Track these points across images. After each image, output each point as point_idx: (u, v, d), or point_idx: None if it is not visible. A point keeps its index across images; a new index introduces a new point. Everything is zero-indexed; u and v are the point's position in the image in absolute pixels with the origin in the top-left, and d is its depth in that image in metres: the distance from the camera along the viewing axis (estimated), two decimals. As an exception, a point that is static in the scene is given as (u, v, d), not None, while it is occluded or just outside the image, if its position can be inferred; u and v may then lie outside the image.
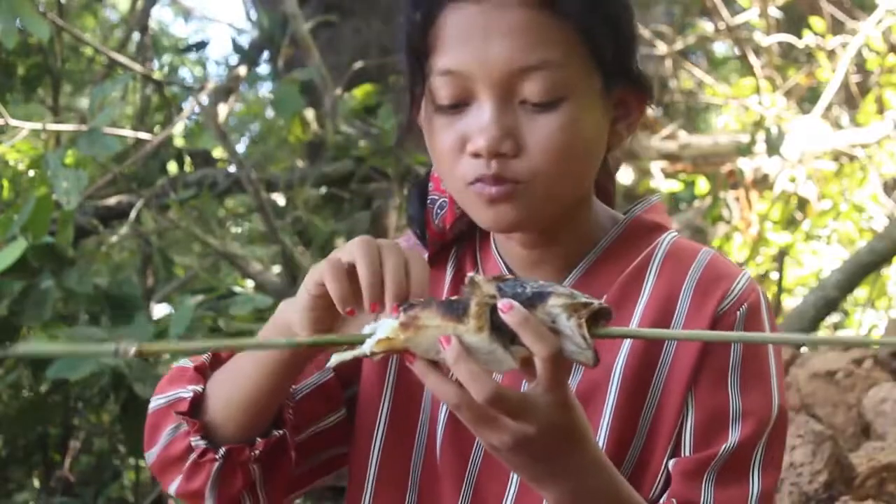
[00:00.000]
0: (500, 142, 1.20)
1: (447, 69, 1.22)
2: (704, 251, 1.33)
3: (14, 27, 3.63)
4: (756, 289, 1.30)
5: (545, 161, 1.21)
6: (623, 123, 1.30)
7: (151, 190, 4.90)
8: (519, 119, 1.21)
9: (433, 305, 1.08)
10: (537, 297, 1.07)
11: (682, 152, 6.55)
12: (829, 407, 3.08)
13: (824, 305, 4.58)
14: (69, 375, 3.52)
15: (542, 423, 1.08)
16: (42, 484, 4.44)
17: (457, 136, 1.23)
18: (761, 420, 1.26)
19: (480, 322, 1.06)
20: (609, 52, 1.24)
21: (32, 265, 3.65)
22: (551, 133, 1.21)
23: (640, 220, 1.36)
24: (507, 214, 1.23)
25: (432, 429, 1.33)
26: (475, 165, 1.22)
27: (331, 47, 5.59)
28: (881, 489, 2.54)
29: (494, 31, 1.20)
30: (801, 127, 6.06)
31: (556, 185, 1.23)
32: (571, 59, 1.22)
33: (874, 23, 6.17)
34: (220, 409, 1.27)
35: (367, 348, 1.08)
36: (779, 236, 6.16)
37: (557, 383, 1.08)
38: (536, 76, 1.20)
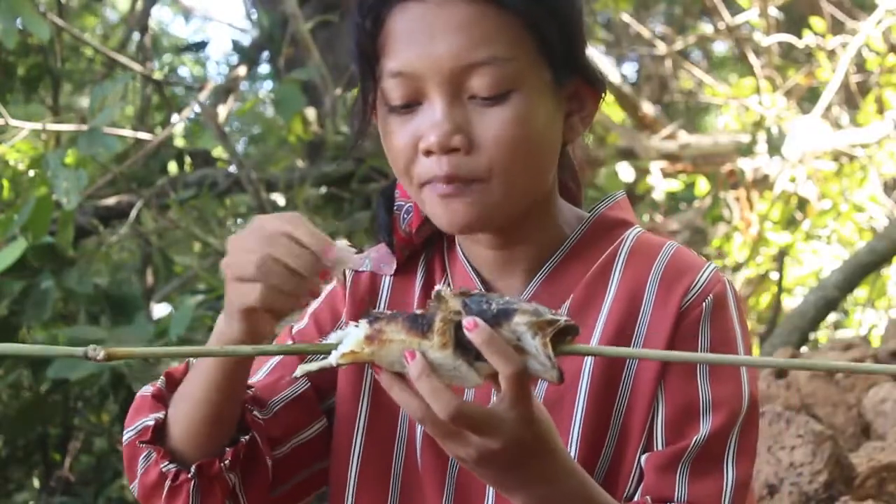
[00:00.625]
0: (451, 136, 1.21)
1: (396, 70, 1.22)
2: (668, 245, 1.32)
3: (14, 27, 3.64)
4: (721, 279, 1.29)
5: (498, 154, 1.21)
6: (577, 116, 1.30)
7: (151, 190, 4.90)
8: (469, 114, 1.21)
9: (399, 319, 1.08)
10: (502, 314, 1.07)
11: (682, 152, 6.55)
12: (829, 407, 3.08)
13: (824, 305, 4.58)
14: (69, 375, 3.52)
15: (507, 438, 1.10)
16: (42, 484, 4.44)
17: (410, 136, 1.23)
18: (733, 410, 1.25)
19: (445, 339, 1.07)
20: (557, 45, 1.24)
21: (32, 265, 3.65)
22: (502, 125, 1.21)
23: (605, 217, 1.35)
24: (462, 213, 1.23)
25: (411, 433, 1.33)
26: (429, 165, 1.22)
27: (331, 47, 5.59)
28: (881, 489, 2.54)
29: (439, 29, 1.20)
30: (801, 127, 6.06)
31: (512, 179, 1.23)
32: (518, 52, 1.22)
33: (874, 23, 6.17)
34: (181, 431, 1.27)
35: (332, 360, 1.09)
36: (779, 236, 6.16)
37: (521, 400, 1.09)
38: (484, 71, 1.20)
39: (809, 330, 4.57)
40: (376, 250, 1.38)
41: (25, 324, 3.83)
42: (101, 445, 4.61)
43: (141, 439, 1.28)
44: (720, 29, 7.05)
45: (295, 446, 1.35)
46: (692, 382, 1.25)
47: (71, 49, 5.62)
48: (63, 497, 4.29)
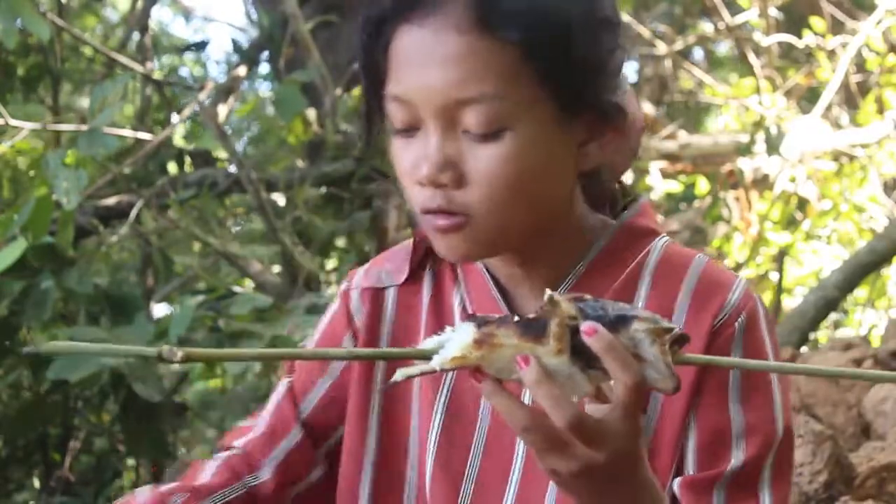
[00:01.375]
0: (441, 172, 1.17)
1: (395, 95, 1.19)
2: (698, 259, 1.29)
3: (14, 27, 3.64)
4: (753, 297, 1.26)
5: (488, 193, 1.17)
6: (595, 143, 1.23)
7: (151, 190, 4.90)
8: (462, 148, 1.17)
9: (510, 323, 1.03)
10: (620, 320, 1.03)
11: (682, 152, 6.55)
12: (829, 407, 3.08)
13: (824, 305, 4.58)
14: (69, 376, 3.52)
15: (613, 451, 1.05)
16: (42, 484, 4.44)
17: (409, 162, 1.20)
18: (767, 437, 1.23)
19: (561, 344, 1.02)
20: (564, 77, 1.17)
21: (32, 265, 3.65)
22: (493, 164, 1.16)
23: (631, 226, 1.31)
24: (457, 246, 1.20)
25: (421, 468, 1.31)
26: (425, 195, 1.19)
27: (331, 47, 5.58)
28: (881, 489, 2.54)
29: (432, 60, 1.16)
30: (801, 127, 6.06)
31: (504, 216, 1.19)
32: (513, 88, 1.15)
33: (874, 23, 6.17)
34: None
35: (436, 364, 1.04)
36: (779, 236, 6.16)
37: (635, 412, 1.05)
38: (474, 108, 1.15)
39: (809, 330, 4.57)
40: (392, 261, 1.37)
41: (25, 324, 3.83)
42: (101, 445, 4.61)
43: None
44: (720, 29, 7.04)
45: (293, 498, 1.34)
46: (724, 410, 1.23)
47: (71, 49, 5.62)
48: (63, 497, 4.29)
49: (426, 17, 1.16)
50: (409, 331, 1.33)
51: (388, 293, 1.35)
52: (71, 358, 3.49)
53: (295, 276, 4.71)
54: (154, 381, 3.76)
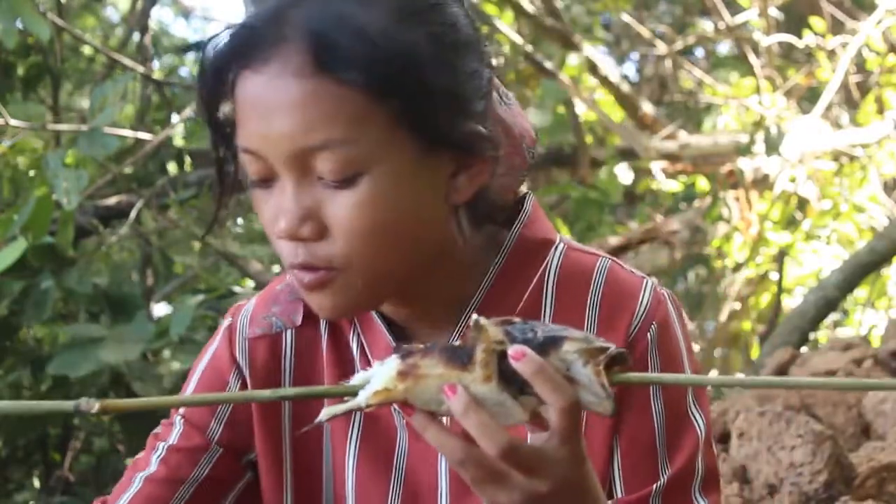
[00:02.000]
0: (299, 225, 1.09)
1: (246, 147, 1.11)
2: (600, 264, 1.24)
3: (14, 27, 3.63)
4: (662, 299, 1.22)
5: (350, 243, 1.10)
6: (463, 176, 1.14)
7: (151, 190, 4.90)
8: (319, 197, 1.09)
9: (434, 352, 0.99)
10: (550, 342, 0.99)
11: (682, 152, 6.55)
12: (829, 407, 3.08)
13: (824, 305, 4.58)
14: (69, 373, 3.52)
15: (556, 479, 1.01)
16: (42, 484, 4.44)
17: (270, 214, 1.12)
18: (692, 447, 1.21)
19: (488, 371, 0.98)
20: (418, 115, 1.09)
21: (32, 265, 3.65)
22: (351, 212, 1.09)
23: (524, 240, 1.23)
24: (326, 302, 1.13)
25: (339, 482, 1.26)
26: (288, 250, 1.12)
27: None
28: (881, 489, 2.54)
29: (274, 108, 1.08)
30: (800, 127, 6.07)
31: (372, 266, 1.11)
32: (362, 131, 1.07)
33: (874, 23, 6.17)
34: None
35: (361, 400, 1.00)
36: (779, 236, 6.16)
37: (572, 437, 1.00)
38: (324, 155, 1.07)
39: (809, 330, 4.57)
40: (278, 303, 1.30)
41: (25, 324, 3.83)
42: (101, 445, 4.61)
43: None
44: (720, 29, 7.04)
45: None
46: (647, 425, 1.20)
47: (71, 49, 5.62)
48: (63, 497, 4.29)
49: (264, 64, 1.08)
50: (311, 374, 1.27)
51: (285, 338, 1.27)
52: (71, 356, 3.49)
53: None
54: (153, 380, 3.76)
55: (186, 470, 1.26)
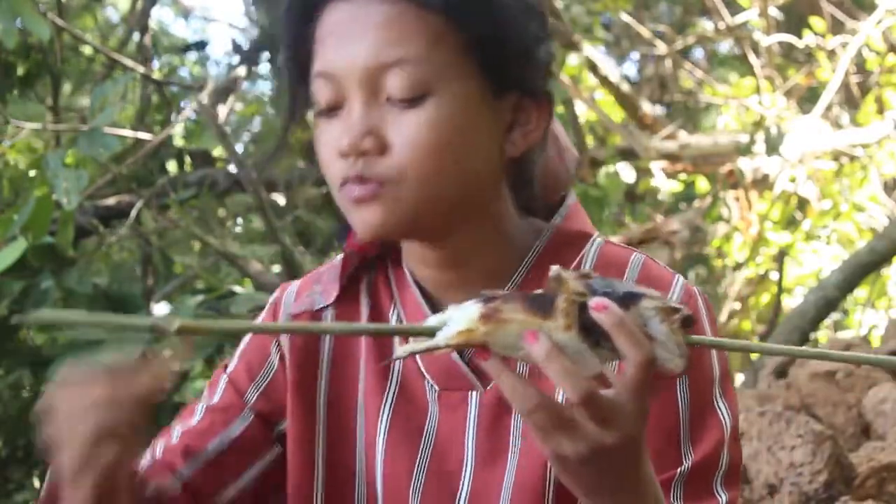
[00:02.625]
0: (362, 138, 1.16)
1: (320, 71, 1.19)
2: (634, 258, 1.27)
3: (14, 27, 3.63)
4: (693, 293, 1.25)
5: (410, 158, 1.16)
6: (519, 131, 1.22)
7: (151, 190, 4.90)
8: (385, 117, 1.17)
9: (516, 298, 1.00)
10: (629, 297, 1.00)
11: (682, 152, 6.55)
12: (829, 407, 3.08)
13: (824, 305, 4.58)
14: (69, 375, 3.52)
15: (623, 433, 1.01)
16: (42, 484, 4.44)
17: (332, 140, 1.19)
18: (718, 436, 1.22)
19: (569, 320, 0.99)
20: (490, 51, 1.18)
21: (32, 265, 3.65)
22: (415, 129, 1.16)
23: (562, 231, 1.29)
24: (373, 216, 1.18)
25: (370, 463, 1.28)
26: (344, 167, 1.17)
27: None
28: (881, 489, 2.54)
29: (358, 29, 1.17)
30: (801, 127, 6.07)
31: (426, 184, 1.17)
32: (436, 55, 1.16)
33: (874, 23, 6.18)
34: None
35: (441, 340, 1.00)
36: (779, 236, 6.16)
37: (644, 391, 1.00)
38: (396, 72, 1.15)
39: (809, 330, 4.57)
40: (320, 282, 1.34)
41: (25, 324, 3.83)
42: (101, 445, 4.61)
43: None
44: (720, 29, 7.05)
45: (242, 487, 1.31)
46: (673, 412, 1.22)
47: (71, 49, 5.62)
48: (63, 497, 4.29)
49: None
50: (350, 351, 1.30)
51: (326, 315, 1.32)
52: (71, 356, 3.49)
53: (295, 276, 4.69)
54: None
55: (220, 427, 1.31)
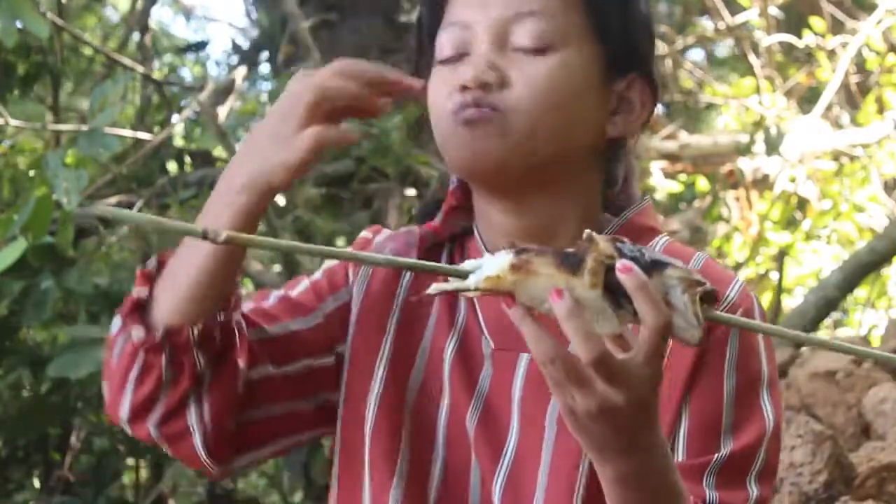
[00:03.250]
0: (486, 73, 1.25)
1: (452, 21, 1.29)
2: (698, 256, 1.32)
3: (14, 26, 3.63)
4: (750, 295, 1.29)
5: (526, 95, 1.24)
6: (621, 117, 1.31)
7: (151, 190, 4.90)
8: (510, 61, 1.26)
9: (549, 253, 1.04)
10: (655, 264, 1.04)
11: (682, 152, 6.55)
12: (829, 407, 3.08)
13: (825, 305, 4.58)
14: (69, 374, 3.52)
15: (633, 395, 1.04)
16: (42, 484, 4.44)
17: (453, 81, 1.26)
18: (758, 432, 1.24)
19: (596, 279, 1.02)
20: (614, 30, 1.29)
21: (32, 265, 3.65)
22: (536, 73, 1.25)
23: (633, 223, 1.34)
24: (480, 138, 1.24)
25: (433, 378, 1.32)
26: (461, 97, 1.25)
27: (331, 47, 5.59)
28: (881, 489, 2.54)
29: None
30: (801, 127, 6.07)
31: (534, 124, 1.25)
32: (565, 15, 1.27)
33: (874, 23, 6.18)
34: (166, 301, 1.23)
35: (471, 283, 1.04)
36: (779, 236, 6.16)
37: (657, 356, 1.04)
38: (529, 21, 1.26)
39: (810, 330, 4.57)
40: (393, 240, 1.38)
41: (25, 324, 3.83)
42: (101, 445, 4.61)
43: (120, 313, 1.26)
44: (720, 29, 7.04)
45: (281, 375, 1.32)
46: (719, 397, 1.24)
47: (71, 49, 5.62)
48: (63, 497, 4.29)
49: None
50: (419, 313, 1.35)
51: (405, 274, 1.37)
52: (71, 356, 3.49)
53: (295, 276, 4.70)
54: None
55: (287, 316, 1.34)
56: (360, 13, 5.83)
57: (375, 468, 1.31)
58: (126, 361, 1.24)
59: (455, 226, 1.37)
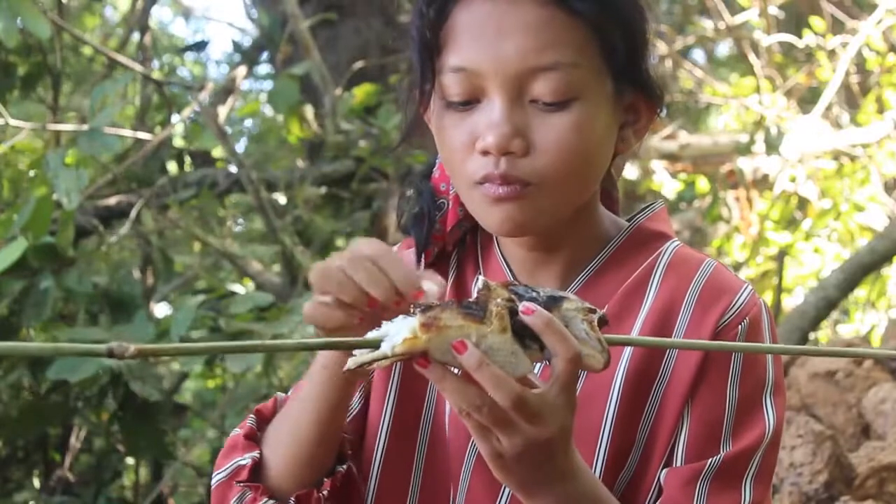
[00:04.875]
0: (510, 140, 1.20)
1: (459, 66, 1.21)
2: (707, 262, 1.32)
3: (15, 26, 3.63)
4: (758, 303, 1.28)
5: (554, 161, 1.20)
6: (631, 129, 1.30)
7: (151, 190, 4.90)
8: (529, 118, 1.21)
9: (452, 306, 1.06)
10: (552, 300, 1.07)
11: (682, 152, 6.55)
12: (829, 407, 3.08)
13: (825, 305, 4.58)
14: (69, 377, 3.52)
15: (556, 425, 1.07)
16: (42, 484, 4.44)
17: (467, 134, 1.22)
18: (757, 436, 1.25)
19: (504, 323, 1.05)
20: (621, 55, 1.23)
21: (32, 265, 3.65)
22: (562, 133, 1.20)
23: (644, 228, 1.35)
24: (513, 215, 1.22)
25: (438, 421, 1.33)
26: (484, 164, 1.21)
27: (331, 47, 5.59)
28: (881, 489, 2.54)
29: (508, 29, 1.19)
30: (801, 127, 6.06)
31: (564, 186, 1.22)
32: (583, 59, 1.21)
33: (874, 23, 6.17)
34: (280, 467, 1.25)
35: (387, 349, 1.06)
36: (779, 236, 6.16)
37: (571, 385, 1.08)
38: (549, 76, 1.19)
39: (810, 330, 4.57)
40: (398, 249, 1.39)
41: (25, 324, 3.83)
42: (101, 445, 4.61)
43: (237, 479, 1.25)
44: (720, 29, 7.04)
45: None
46: (720, 403, 1.25)
47: (71, 49, 5.62)
48: (63, 497, 4.29)
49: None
50: None
51: None
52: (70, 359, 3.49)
53: (295, 276, 4.71)
54: (153, 381, 3.76)
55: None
56: (360, 13, 5.83)
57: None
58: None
59: (457, 233, 1.38)
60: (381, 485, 1.33)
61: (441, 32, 1.23)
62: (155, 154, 4.98)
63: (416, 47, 1.26)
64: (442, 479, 1.31)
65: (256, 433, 1.29)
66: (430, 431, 1.33)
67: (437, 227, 1.36)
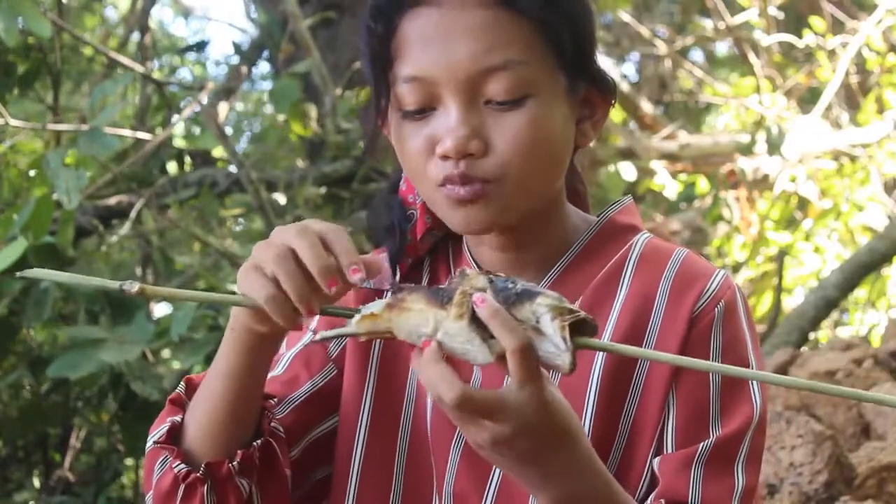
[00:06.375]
0: (468, 141, 1.21)
1: (412, 75, 1.23)
2: (678, 251, 1.33)
3: (15, 26, 3.63)
4: (732, 286, 1.30)
5: (513, 157, 1.22)
6: (588, 123, 1.31)
7: (151, 190, 4.89)
8: (485, 119, 1.22)
9: (420, 291, 1.10)
10: (525, 294, 1.08)
11: (682, 152, 6.55)
12: (829, 407, 3.08)
13: (824, 305, 4.58)
14: (69, 374, 3.52)
15: (518, 423, 1.07)
16: (42, 484, 4.44)
17: (425, 140, 1.23)
18: (745, 419, 1.25)
19: (461, 310, 1.07)
20: (570, 50, 1.25)
21: (32, 265, 3.65)
22: (518, 130, 1.22)
23: (614, 222, 1.36)
24: (477, 215, 1.24)
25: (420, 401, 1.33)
26: (444, 167, 1.22)
27: (330, 47, 5.58)
28: (881, 489, 2.54)
29: (455, 34, 1.21)
30: (801, 127, 6.07)
31: (526, 182, 1.24)
32: (532, 56, 1.22)
33: (874, 23, 6.18)
34: (196, 432, 1.25)
35: (352, 323, 1.10)
36: (779, 236, 6.16)
37: (530, 380, 1.07)
38: (500, 75, 1.21)
39: (809, 330, 4.57)
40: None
41: (25, 324, 3.83)
42: (101, 445, 4.61)
43: (157, 441, 1.26)
44: (720, 29, 7.04)
45: (309, 443, 1.34)
46: (703, 388, 1.25)
47: (71, 49, 5.62)
48: (63, 497, 4.29)
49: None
50: (399, 353, 1.34)
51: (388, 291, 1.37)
52: (71, 356, 3.49)
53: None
54: (153, 380, 3.76)
55: (306, 376, 1.36)
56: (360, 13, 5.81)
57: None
58: (168, 487, 1.25)
59: (429, 241, 1.38)
60: (361, 485, 1.32)
61: (391, 45, 1.24)
62: (155, 154, 4.98)
63: (367, 62, 1.27)
64: (425, 479, 1.31)
65: (183, 399, 1.29)
66: (410, 431, 1.33)
67: (408, 238, 1.36)
